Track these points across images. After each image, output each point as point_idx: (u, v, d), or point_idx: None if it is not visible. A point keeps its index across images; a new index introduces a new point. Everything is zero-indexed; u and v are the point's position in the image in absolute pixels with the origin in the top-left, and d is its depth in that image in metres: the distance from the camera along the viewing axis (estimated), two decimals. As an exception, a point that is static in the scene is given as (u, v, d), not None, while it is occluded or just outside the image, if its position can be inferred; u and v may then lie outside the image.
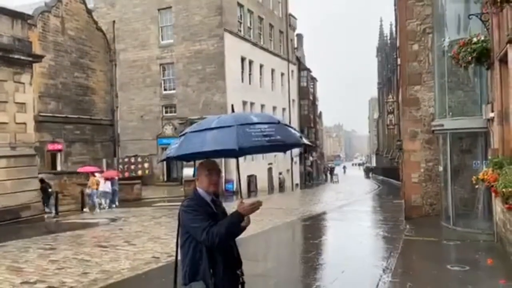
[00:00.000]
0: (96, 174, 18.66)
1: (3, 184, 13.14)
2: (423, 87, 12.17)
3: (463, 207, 10.63)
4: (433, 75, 11.64)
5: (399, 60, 15.21)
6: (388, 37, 59.26)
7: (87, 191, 17.78)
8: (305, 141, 3.07)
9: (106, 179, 18.60)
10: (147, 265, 7.37)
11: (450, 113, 10.49)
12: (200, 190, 2.99)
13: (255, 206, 2.84)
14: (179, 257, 3.02)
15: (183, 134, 3.00)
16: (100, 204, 18.09)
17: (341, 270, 7.02)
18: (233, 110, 3.38)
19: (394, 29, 37.85)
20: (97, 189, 17.68)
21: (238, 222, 2.80)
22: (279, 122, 2.87)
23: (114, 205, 18.60)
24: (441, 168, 11.12)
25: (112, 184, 18.78)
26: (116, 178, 19.87)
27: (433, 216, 11.60)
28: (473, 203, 10.32)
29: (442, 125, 10.57)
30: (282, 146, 3.12)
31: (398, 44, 16.01)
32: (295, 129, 3.09)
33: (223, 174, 26.61)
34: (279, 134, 2.75)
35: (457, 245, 8.63)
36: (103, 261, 7.72)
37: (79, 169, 20.82)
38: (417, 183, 12.06)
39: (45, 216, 15.09)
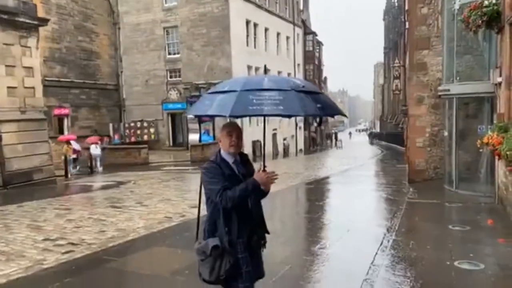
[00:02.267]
0: (72, 142, 19.39)
1: (15, 148, 13.42)
2: (431, 51, 12.09)
3: (466, 171, 10.86)
4: (441, 39, 11.54)
5: (407, 23, 14.99)
6: (396, 0, 57.72)
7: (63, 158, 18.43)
8: (316, 114, 2.92)
9: (92, 143, 19.94)
10: (161, 224, 7.69)
11: (458, 78, 10.50)
12: (222, 152, 3.08)
13: (272, 178, 2.93)
14: (201, 214, 3.19)
15: (209, 93, 3.06)
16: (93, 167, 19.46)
17: (346, 229, 7.31)
18: (265, 72, 3.17)
19: (402, -9, 36.77)
20: (73, 154, 18.93)
21: (253, 189, 2.90)
22: (292, 89, 2.74)
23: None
24: (446, 133, 11.25)
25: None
26: (99, 143, 20.97)
27: (436, 179, 11.85)
28: (476, 167, 10.54)
29: (449, 90, 10.61)
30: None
31: (407, 7, 15.72)
32: (317, 99, 2.84)
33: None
34: (284, 104, 2.65)
35: (458, 207, 8.89)
36: (118, 221, 8.05)
37: (59, 138, 21.23)
38: (422, 147, 12.23)
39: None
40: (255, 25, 29.96)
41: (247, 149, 28.25)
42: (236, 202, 2.89)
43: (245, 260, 3.00)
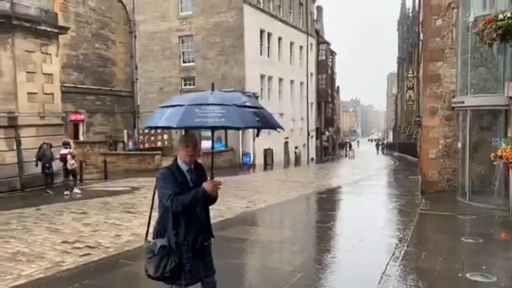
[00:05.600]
0: None
1: (33, 152, 13.74)
2: (445, 63, 12.12)
3: (479, 183, 10.79)
4: (456, 51, 11.56)
5: (421, 35, 15.04)
6: (410, 10, 57.71)
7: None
8: (254, 126, 3.25)
9: None
10: (175, 230, 7.81)
11: (472, 90, 10.50)
12: (179, 160, 3.40)
13: (217, 185, 3.28)
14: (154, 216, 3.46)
15: (160, 107, 3.39)
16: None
17: (358, 239, 7.34)
18: (212, 89, 3.51)
19: (416, 1, 36.85)
20: None
21: (201, 196, 3.22)
22: (233, 105, 3.09)
23: None
24: (459, 145, 11.22)
25: None
26: None
27: (449, 191, 11.79)
28: (490, 179, 10.48)
29: (463, 102, 10.61)
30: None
31: (421, 18, 15.78)
32: (257, 113, 3.20)
33: (240, 147, 27.06)
34: (226, 117, 3.00)
35: (472, 219, 8.85)
36: (133, 226, 8.22)
37: None
38: (435, 159, 12.21)
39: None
40: (269, 34, 30.24)
41: (259, 157, 28.40)
42: (186, 206, 3.19)
43: (189, 260, 3.30)
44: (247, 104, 3.21)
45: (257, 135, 3.51)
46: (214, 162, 3.65)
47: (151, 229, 3.48)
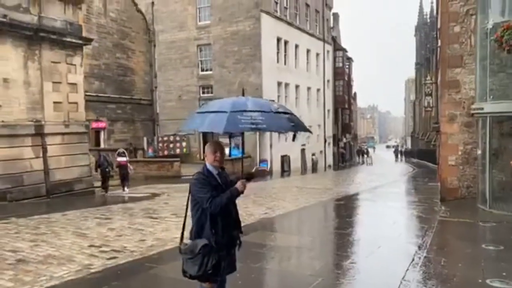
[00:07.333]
0: None
1: (58, 159, 14.24)
2: (463, 69, 12.08)
3: (500, 191, 10.70)
4: (474, 57, 11.53)
5: (439, 41, 15.01)
6: (428, 16, 57.31)
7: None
8: (290, 130, 3.56)
9: None
10: (196, 235, 8.01)
11: (491, 97, 10.46)
12: (208, 165, 3.64)
13: (245, 186, 3.56)
14: (188, 219, 3.67)
15: (198, 112, 3.72)
16: None
17: (377, 245, 7.40)
18: (243, 94, 3.75)
19: (434, 7, 36.60)
20: None
21: (236, 196, 3.54)
22: (271, 111, 3.41)
23: None
24: (479, 152, 11.15)
25: None
26: None
27: (469, 198, 11.69)
28: (511, 186, 10.38)
29: (482, 109, 10.57)
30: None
31: (439, 25, 15.76)
32: (290, 118, 3.55)
33: (257, 154, 27.25)
34: (266, 122, 3.33)
35: (492, 226, 8.80)
36: (156, 231, 8.45)
37: None
38: (454, 165, 12.13)
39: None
40: (286, 42, 30.50)
41: (276, 163, 28.54)
42: (224, 206, 3.46)
43: (224, 257, 3.53)
44: (280, 110, 3.54)
45: (293, 139, 3.80)
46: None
47: (186, 233, 3.67)
